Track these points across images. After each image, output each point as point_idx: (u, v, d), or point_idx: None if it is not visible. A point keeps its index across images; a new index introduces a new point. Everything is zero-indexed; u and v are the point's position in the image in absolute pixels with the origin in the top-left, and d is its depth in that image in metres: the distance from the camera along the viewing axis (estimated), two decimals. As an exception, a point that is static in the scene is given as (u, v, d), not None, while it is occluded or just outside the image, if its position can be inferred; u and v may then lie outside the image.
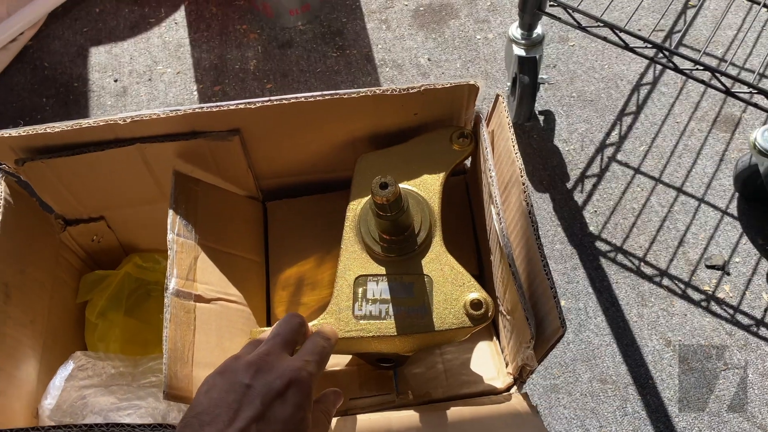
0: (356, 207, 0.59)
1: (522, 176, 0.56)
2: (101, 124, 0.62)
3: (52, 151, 0.64)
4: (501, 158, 0.61)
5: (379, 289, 0.54)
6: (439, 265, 0.55)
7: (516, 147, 0.57)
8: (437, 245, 0.56)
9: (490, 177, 0.58)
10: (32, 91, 1.20)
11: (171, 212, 0.60)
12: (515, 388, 0.59)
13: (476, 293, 0.53)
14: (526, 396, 0.55)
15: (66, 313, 0.73)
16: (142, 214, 0.75)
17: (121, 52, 1.25)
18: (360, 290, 0.54)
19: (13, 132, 0.62)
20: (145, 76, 1.21)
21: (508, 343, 0.60)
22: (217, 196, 0.68)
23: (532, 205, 0.54)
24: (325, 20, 1.28)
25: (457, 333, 0.53)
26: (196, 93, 1.18)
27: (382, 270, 0.55)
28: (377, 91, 0.63)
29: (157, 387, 0.70)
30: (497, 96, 0.63)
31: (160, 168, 0.67)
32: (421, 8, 1.29)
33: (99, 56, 1.25)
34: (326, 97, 0.62)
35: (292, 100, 0.62)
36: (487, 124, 0.65)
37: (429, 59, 1.22)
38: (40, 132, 0.62)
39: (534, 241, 0.52)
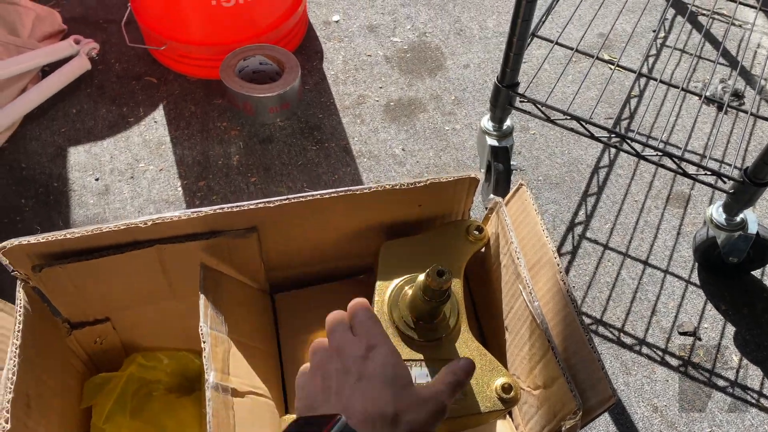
0: (384, 292, 0.62)
1: (556, 258, 0.60)
2: (121, 228, 0.64)
3: (69, 255, 0.65)
4: (524, 241, 0.65)
5: (414, 374, 0.56)
6: (468, 350, 0.58)
7: (546, 231, 0.63)
8: (465, 331, 0.60)
9: (518, 259, 0.62)
10: (10, 192, 1.19)
11: (202, 303, 0.62)
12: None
13: (504, 378, 0.57)
14: None
15: (73, 419, 0.71)
16: (148, 314, 0.75)
17: (100, 151, 1.27)
18: None
19: (32, 239, 0.63)
20: (126, 174, 1.23)
21: (527, 419, 0.62)
22: (237, 289, 0.70)
23: (569, 285, 0.59)
24: (303, 116, 1.34)
25: (490, 416, 0.56)
26: (180, 189, 1.20)
27: (417, 355, 0.57)
28: (387, 186, 0.67)
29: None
30: (520, 184, 0.69)
31: (175, 268, 0.69)
32: (391, 103, 1.38)
33: (78, 155, 1.26)
34: (340, 193, 0.67)
35: (309, 198, 0.66)
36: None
37: (403, 149, 1.29)
38: (59, 238, 0.63)
39: (575, 317, 0.56)
